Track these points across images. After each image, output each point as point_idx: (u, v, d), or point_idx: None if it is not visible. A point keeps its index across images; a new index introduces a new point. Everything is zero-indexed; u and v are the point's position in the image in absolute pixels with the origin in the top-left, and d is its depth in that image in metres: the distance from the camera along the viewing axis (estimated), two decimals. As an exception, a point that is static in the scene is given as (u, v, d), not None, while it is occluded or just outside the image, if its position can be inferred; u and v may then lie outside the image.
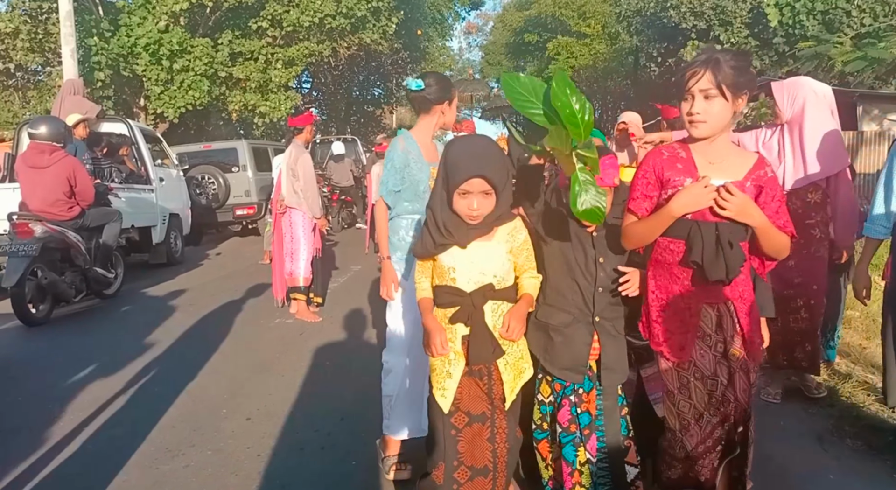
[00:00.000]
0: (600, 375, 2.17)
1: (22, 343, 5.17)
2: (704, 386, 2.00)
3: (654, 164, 2.02)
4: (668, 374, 2.05)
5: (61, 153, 5.78)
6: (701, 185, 1.86)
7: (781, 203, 1.97)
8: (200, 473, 2.83)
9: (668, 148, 2.03)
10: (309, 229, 5.60)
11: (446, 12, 29.75)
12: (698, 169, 1.94)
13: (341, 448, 3.02)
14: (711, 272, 1.88)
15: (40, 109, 13.31)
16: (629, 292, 2.11)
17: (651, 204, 2.03)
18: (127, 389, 3.90)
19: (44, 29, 13.22)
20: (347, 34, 17.35)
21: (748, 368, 2.01)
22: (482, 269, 2.04)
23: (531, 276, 2.13)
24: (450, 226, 2.00)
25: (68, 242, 5.77)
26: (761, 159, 1.99)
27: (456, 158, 1.97)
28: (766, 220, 1.88)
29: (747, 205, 1.85)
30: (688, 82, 1.87)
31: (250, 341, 4.98)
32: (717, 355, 2.00)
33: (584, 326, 2.16)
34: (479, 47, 39.85)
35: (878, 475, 2.71)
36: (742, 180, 1.91)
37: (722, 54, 1.86)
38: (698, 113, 1.88)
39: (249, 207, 11.63)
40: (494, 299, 2.05)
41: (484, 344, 2.03)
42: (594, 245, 2.14)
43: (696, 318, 1.99)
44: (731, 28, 14.75)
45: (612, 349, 2.17)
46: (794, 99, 3.23)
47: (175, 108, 14.39)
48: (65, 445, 3.12)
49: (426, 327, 2.09)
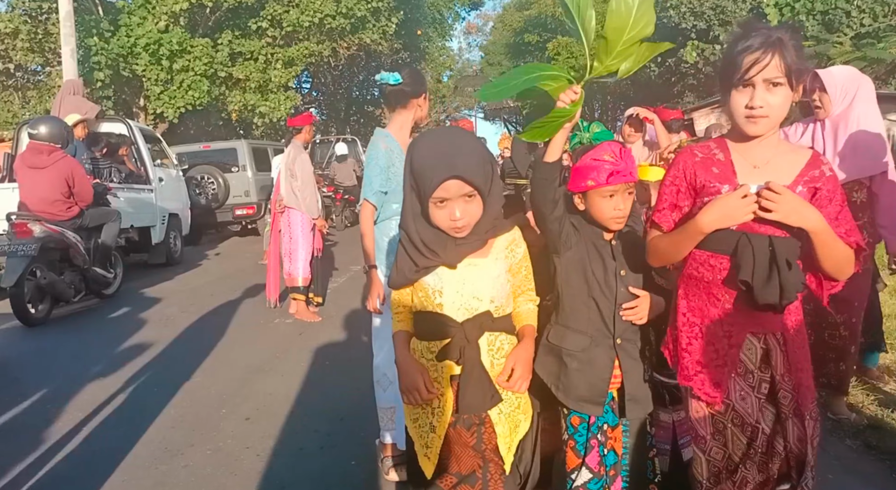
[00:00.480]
0: (623, 407, 1.89)
1: (21, 343, 5.16)
2: (743, 433, 1.66)
3: (685, 167, 1.70)
4: (699, 415, 1.72)
5: (60, 153, 5.78)
6: (737, 195, 1.55)
7: (843, 207, 1.63)
8: (199, 473, 2.83)
9: (703, 147, 1.72)
10: (307, 229, 5.60)
11: (446, 12, 29.74)
12: (737, 174, 1.62)
13: (340, 448, 3.02)
14: (762, 295, 1.55)
15: (40, 109, 13.31)
16: (634, 320, 1.86)
17: (680, 215, 1.73)
18: (126, 389, 3.90)
19: (44, 29, 13.22)
20: (347, 34, 17.36)
21: (803, 413, 1.64)
22: (476, 293, 1.65)
23: (529, 299, 1.79)
24: (433, 244, 1.60)
25: (67, 242, 5.76)
26: (815, 156, 1.65)
27: (422, 161, 1.56)
28: (825, 223, 1.54)
29: (798, 203, 1.52)
30: (749, 70, 1.51)
31: (250, 341, 4.97)
32: (760, 398, 1.65)
33: (604, 350, 1.87)
34: (479, 47, 39.83)
35: (877, 475, 2.70)
36: (791, 185, 1.58)
37: (782, 32, 1.53)
38: (761, 106, 1.53)
39: (249, 207, 11.63)
40: (492, 331, 1.67)
41: (479, 388, 1.63)
42: (614, 255, 1.88)
43: (736, 351, 1.65)
44: (731, 28, 14.73)
45: (636, 375, 1.90)
46: (846, 91, 2.94)
47: (175, 108, 14.39)
48: (63, 445, 3.11)
49: (401, 366, 1.69)
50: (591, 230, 1.88)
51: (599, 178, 1.79)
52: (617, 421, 1.91)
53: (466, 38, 42.52)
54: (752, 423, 1.65)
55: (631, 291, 1.87)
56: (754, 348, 1.65)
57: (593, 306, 1.87)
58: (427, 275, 1.65)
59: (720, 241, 1.62)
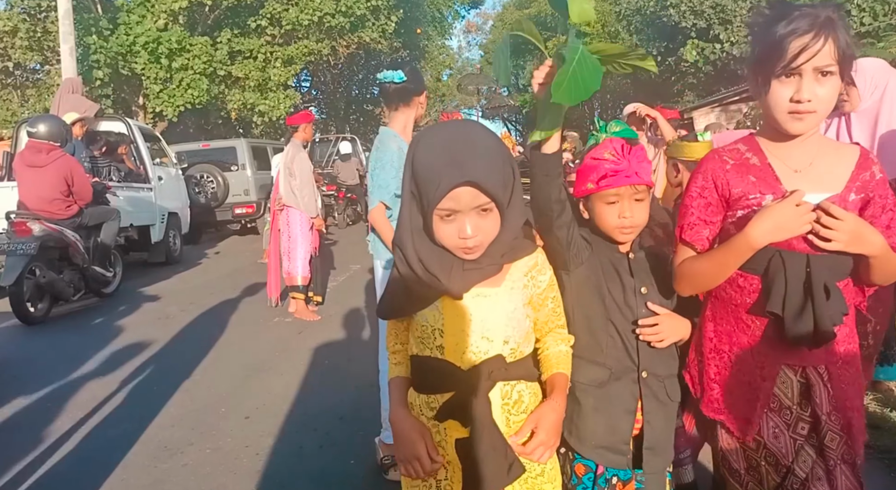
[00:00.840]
0: (639, 457, 1.59)
1: (20, 342, 5.16)
2: (777, 473, 1.45)
3: (714, 176, 1.44)
4: (730, 448, 1.52)
5: (59, 152, 5.78)
6: (791, 203, 1.29)
7: (894, 213, 1.41)
8: (199, 472, 2.83)
9: (731, 151, 1.46)
10: (306, 228, 5.60)
11: (446, 11, 29.76)
12: (781, 180, 1.38)
13: (340, 447, 3.02)
14: (794, 328, 1.33)
15: (39, 108, 13.31)
16: (653, 342, 1.57)
17: (714, 231, 1.46)
18: (125, 388, 3.90)
19: (42, 27, 13.22)
20: (347, 33, 17.37)
21: (853, 459, 1.41)
22: (486, 332, 1.31)
23: (560, 339, 1.45)
24: (433, 266, 1.27)
25: (66, 241, 5.77)
26: (865, 156, 1.41)
27: (427, 162, 1.22)
28: (887, 245, 1.32)
29: (862, 228, 1.29)
30: (798, 57, 1.26)
31: (249, 340, 4.97)
32: (797, 438, 1.42)
33: (626, 385, 1.57)
34: (479, 46, 39.82)
35: (875, 473, 2.70)
36: (843, 192, 1.36)
37: (830, 10, 1.28)
38: (809, 100, 1.29)
39: (248, 206, 11.63)
40: (507, 380, 1.33)
41: (493, 457, 1.26)
42: (632, 271, 1.60)
43: (769, 384, 1.42)
44: (731, 27, 14.73)
45: (660, 420, 1.59)
46: (876, 84, 2.75)
47: (174, 106, 14.39)
48: (63, 444, 3.11)
49: (397, 428, 1.36)
50: (605, 243, 1.62)
51: (595, 180, 1.57)
52: (630, 474, 1.59)
53: (466, 36, 42.48)
54: (787, 465, 1.43)
55: (649, 308, 1.58)
56: (790, 382, 1.42)
57: (612, 332, 1.58)
58: (425, 307, 1.32)
59: (751, 259, 1.38)
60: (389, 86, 2.64)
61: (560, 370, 1.40)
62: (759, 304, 1.39)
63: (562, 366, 1.41)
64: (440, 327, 1.31)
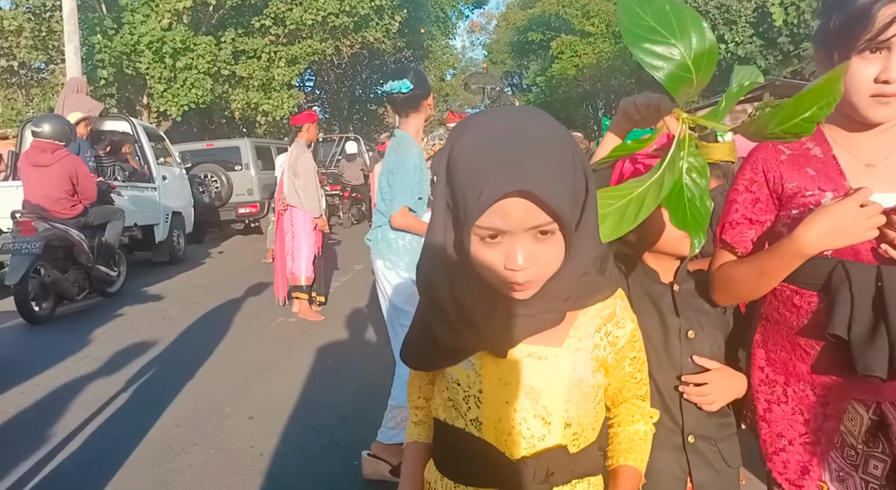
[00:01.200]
0: None
1: (25, 341, 5.18)
2: None
3: (765, 168, 1.20)
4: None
5: (63, 152, 5.80)
6: (855, 202, 1.03)
7: None
8: (203, 472, 2.83)
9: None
10: (310, 228, 5.60)
11: (450, 11, 29.76)
12: (846, 176, 1.14)
13: (343, 447, 3.02)
14: (864, 356, 1.08)
15: (44, 107, 13.36)
16: (700, 404, 1.27)
17: (760, 232, 1.22)
18: (129, 388, 3.90)
19: (47, 27, 13.26)
20: (350, 32, 17.39)
21: None
22: (540, 410, 0.95)
23: (638, 413, 1.08)
24: (471, 307, 0.91)
25: (71, 240, 5.78)
26: None
27: (468, 159, 0.84)
28: None
29: None
30: (889, 27, 1.02)
31: (253, 340, 4.98)
32: (868, 481, 1.16)
33: (669, 453, 1.26)
34: (483, 46, 39.84)
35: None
36: None
37: None
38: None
39: (252, 206, 11.65)
40: (568, 481, 0.96)
41: None
42: (677, 309, 1.27)
43: (834, 424, 1.17)
44: (736, 27, 14.71)
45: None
46: None
47: (178, 106, 14.43)
48: (67, 443, 3.12)
49: None
50: (642, 273, 1.30)
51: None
52: None
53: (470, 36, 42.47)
54: None
55: (695, 360, 1.26)
56: (860, 419, 1.16)
57: (652, 386, 1.18)
58: (456, 363, 0.96)
59: (807, 271, 1.13)
60: (398, 96, 2.64)
61: (631, 462, 1.05)
62: (821, 326, 1.13)
63: (634, 454, 1.06)
64: (476, 394, 0.95)
